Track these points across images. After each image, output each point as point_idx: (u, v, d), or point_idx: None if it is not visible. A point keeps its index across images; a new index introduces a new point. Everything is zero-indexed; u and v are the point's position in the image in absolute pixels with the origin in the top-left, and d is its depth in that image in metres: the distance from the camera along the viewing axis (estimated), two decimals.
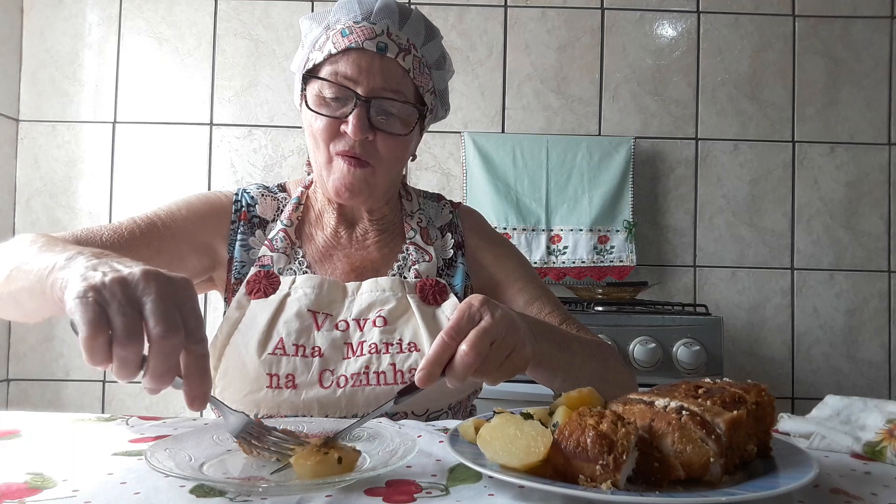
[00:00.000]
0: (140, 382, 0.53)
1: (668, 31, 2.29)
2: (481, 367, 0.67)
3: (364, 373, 0.89)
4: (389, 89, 0.92)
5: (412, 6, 1.00)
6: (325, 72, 0.93)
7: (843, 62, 2.27)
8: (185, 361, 0.53)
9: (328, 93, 0.93)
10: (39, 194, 2.24)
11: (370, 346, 0.91)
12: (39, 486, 0.53)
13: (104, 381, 2.21)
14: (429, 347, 0.86)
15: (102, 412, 2.17)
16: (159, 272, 0.55)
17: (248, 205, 1.03)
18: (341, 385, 0.88)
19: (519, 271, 1.08)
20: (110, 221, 2.26)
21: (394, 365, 0.89)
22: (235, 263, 0.99)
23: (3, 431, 0.70)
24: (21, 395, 2.21)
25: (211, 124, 2.26)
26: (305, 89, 0.96)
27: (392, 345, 0.91)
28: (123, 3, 2.26)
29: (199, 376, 0.54)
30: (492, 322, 0.67)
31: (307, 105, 0.94)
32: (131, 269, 0.55)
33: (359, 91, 0.91)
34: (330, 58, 0.93)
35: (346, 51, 0.92)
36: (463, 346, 0.65)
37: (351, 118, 0.90)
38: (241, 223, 1.01)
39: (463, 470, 0.58)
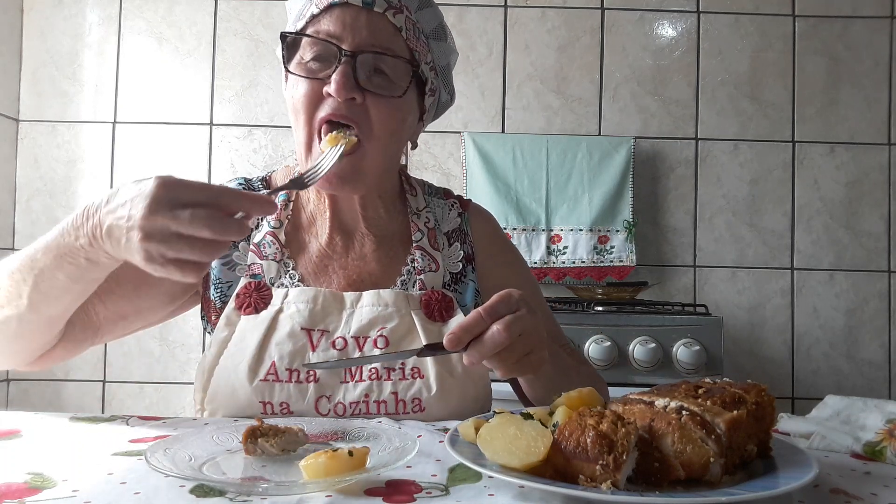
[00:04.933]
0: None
1: (668, 31, 2.29)
2: (504, 353, 0.69)
3: (364, 402, 0.83)
4: (379, 45, 0.83)
5: None
6: (307, 33, 0.85)
7: (843, 62, 2.27)
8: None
9: (310, 54, 0.84)
10: (39, 194, 2.24)
11: (370, 370, 0.84)
12: (39, 486, 0.53)
13: (104, 381, 2.21)
14: (433, 374, 0.85)
15: (102, 412, 2.17)
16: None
17: None
18: (339, 414, 0.83)
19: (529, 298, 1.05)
20: None
21: (395, 394, 0.84)
22: (220, 285, 0.91)
23: (3, 431, 0.70)
24: (21, 395, 2.21)
25: (211, 124, 2.26)
26: (289, 65, 0.86)
27: (394, 370, 0.85)
28: (123, 3, 2.26)
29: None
30: (526, 314, 0.70)
31: (287, 70, 0.85)
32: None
33: (344, 47, 0.81)
34: (312, 19, 0.84)
35: (328, 7, 0.83)
36: (498, 325, 0.68)
37: (334, 76, 0.80)
38: None
39: (463, 470, 0.58)
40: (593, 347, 1.69)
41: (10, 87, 2.21)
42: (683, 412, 0.54)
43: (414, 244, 0.95)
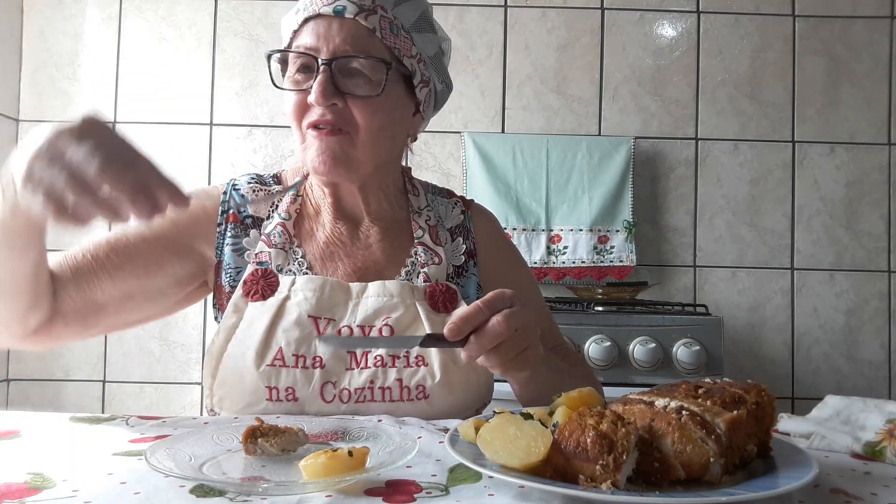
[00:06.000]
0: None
1: (668, 31, 2.29)
2: (502, 347, 0.71)
3: (368, 388, 0.85)
4: (353, 49, 0.87)
5: None
6: (290, 48, 0.90)
7: (843, 62, 2.27)
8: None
9: (294, 67, 0.89)
10: None
11: (375, 358, 0.87)
12: (39, 486, 0.53)
13: (104, 381, 2.21)
14: (437, 362, 0.87)
15: (102, 412, 2.17)
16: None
17: (239, 205, 0.97)
18: (344, 400, 0.85)
19: (529, 296, 1.04)
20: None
21: (400, 381, 0.86)
22: (229, 270, 0.94)
23: (3, 431, 0.70)
24: (21, 395, 2.21)
25: (211, 124, 2.26)
26: (283, 79, 0.92)
27: (399, 358, 0.87)
28: (123, 3, 2.26)
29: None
30: (522, 310, 0.72)
31: (276, 86, 0.91)
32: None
33: (320, 56, 0.86)
34: (294, 35, 0.90)
35: (305, 22, 0.89)
36: (497, 317, 0.70)
37: (314, 85, 0.85)
38: (230, 225, 0.95)
39: (463, 470, 0.58)
40: (593, 347, 1.69)
41: (10, 87, 2.21)
42: (683, 412, 0.54)
43: (416, 241, 0.98)
